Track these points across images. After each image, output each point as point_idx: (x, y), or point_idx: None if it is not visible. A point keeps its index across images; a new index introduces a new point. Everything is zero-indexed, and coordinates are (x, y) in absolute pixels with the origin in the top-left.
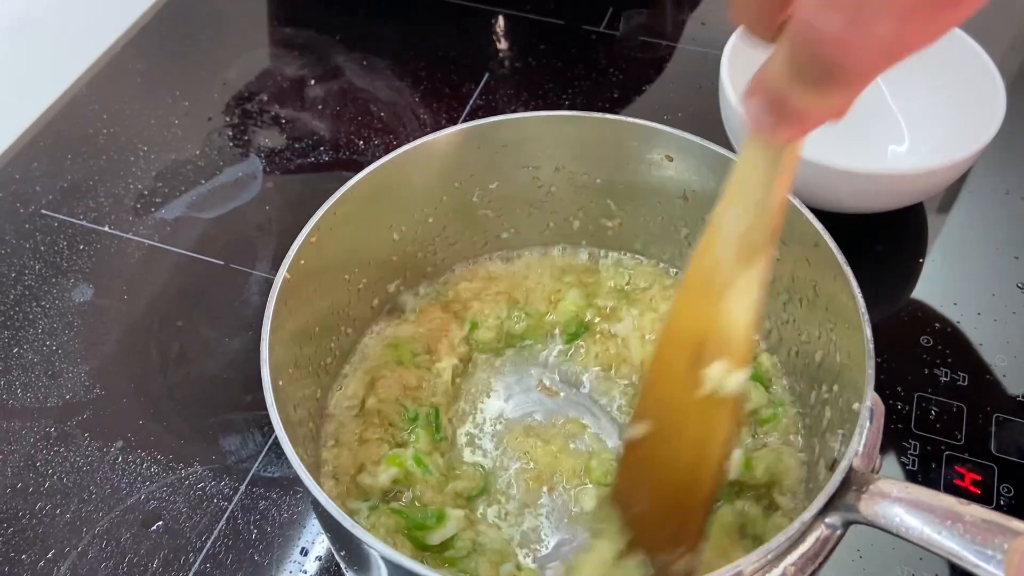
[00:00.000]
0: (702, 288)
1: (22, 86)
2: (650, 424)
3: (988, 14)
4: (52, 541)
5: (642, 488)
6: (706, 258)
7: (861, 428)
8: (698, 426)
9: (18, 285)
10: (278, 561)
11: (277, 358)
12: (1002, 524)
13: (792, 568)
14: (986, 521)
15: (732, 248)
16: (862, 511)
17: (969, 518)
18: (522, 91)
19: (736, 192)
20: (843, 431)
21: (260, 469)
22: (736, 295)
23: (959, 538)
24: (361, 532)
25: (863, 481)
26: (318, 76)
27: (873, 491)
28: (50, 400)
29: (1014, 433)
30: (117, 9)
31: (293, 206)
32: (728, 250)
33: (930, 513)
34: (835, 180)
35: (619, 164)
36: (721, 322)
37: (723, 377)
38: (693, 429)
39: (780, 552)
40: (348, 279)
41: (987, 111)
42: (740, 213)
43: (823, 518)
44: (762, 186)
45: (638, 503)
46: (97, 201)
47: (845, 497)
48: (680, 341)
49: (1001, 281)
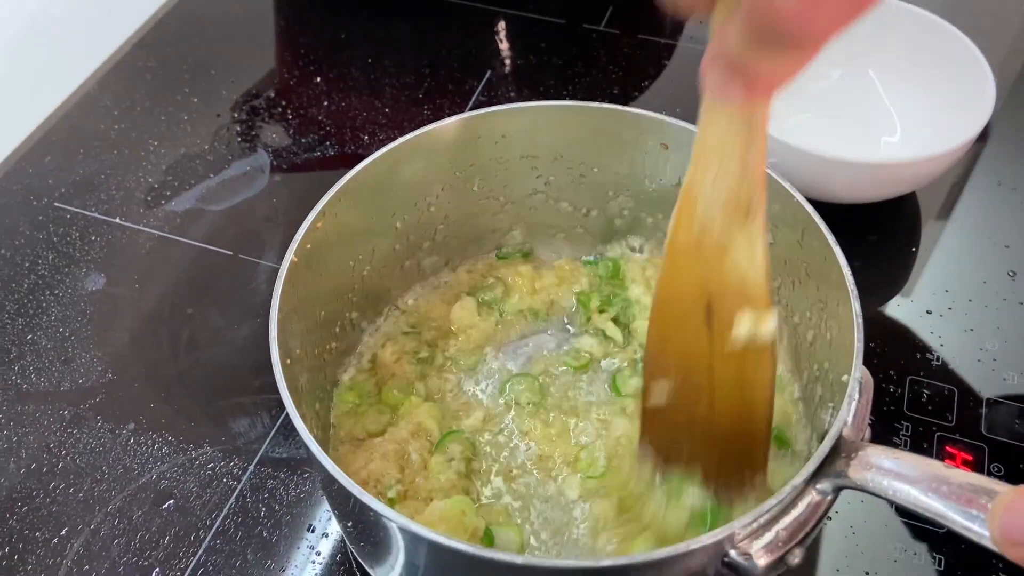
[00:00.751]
0: (692, 252)
1: (36, 83)
2: (671, 383)
3: (979, 9)
4: (66, 519)
5: (686, 439)
6: (688, 224)
7: (850, 398)
8: (741, 375)
9: (32, 275)
10: (286, 537)
11: (284, 338)
12: (985, 486)
13: (784, 532)
14: (970, 484)
15: (717, 210)
16: (851, 476)
17: (954, 481)
18: (523, 88)
19: (710, 157)
20: (833, 403)
21: (268, 450)
22: (742, 249)
23: (945, 500)
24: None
25: (852, 448)
26: (324, 73)
27: (862, 457)
28: (64, 384)
29: (1003, 415)
30: (128, 9)
31: (300, 199)
32: (713, 213)
33: (917, 477)
34: (829, 170)
35: (616, 153)
36: (733, 277)
37: (754, 326)
38: (735, 378)
39: (772, 516)
40: (352, 265)
41: (977, 103)
42: (720, 176)
43: (814, 484)
44: (742, 148)
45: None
46: (109, 194)
47: (835, 464)
48: (683, 304)
49: (992, 269)
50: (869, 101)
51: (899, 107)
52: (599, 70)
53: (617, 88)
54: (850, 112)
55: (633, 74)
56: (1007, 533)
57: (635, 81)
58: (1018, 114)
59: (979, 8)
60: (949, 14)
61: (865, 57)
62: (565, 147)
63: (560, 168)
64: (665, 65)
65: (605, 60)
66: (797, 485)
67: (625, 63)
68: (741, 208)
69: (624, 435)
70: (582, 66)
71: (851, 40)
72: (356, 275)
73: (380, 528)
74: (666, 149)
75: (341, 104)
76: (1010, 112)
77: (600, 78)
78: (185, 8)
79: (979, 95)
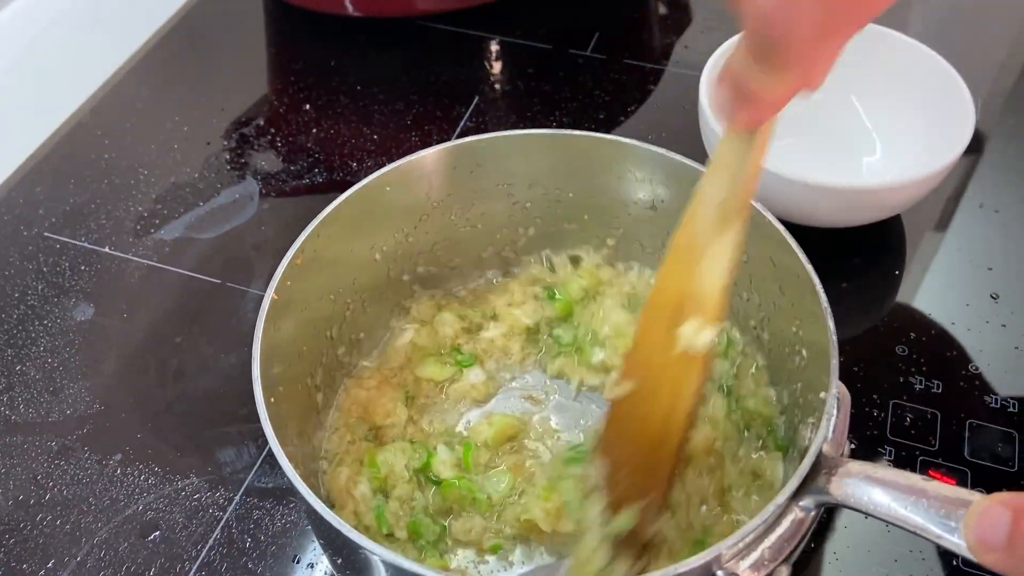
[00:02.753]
0: (685, 255)
1: (27, 113)
2: (634, 383)
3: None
4: (52, 551)
5: (621, 443)
6: (690, 227)
7: (829, 415)
8: (672, 382)
9: (21, 305)
10: (271, 569)
11: (268, 375)
12: (962, 497)
13: (769, 551)
14: (948, 496)
15: (711, 217)
16: (833, 492)
17: (932, 492)
18: (511, 114)
19: (716, 169)
20: (812, 420)
21: (254, 480)
22: (711, 258)
23: (924, 512)
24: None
25: (833, 464)
26: (313, 101)
27: (842, 472)
28: (51, 415)
29: (986, 439)
30: (119, 38)
31: (288, 226)
32: (708, 219)
33: (896, 490)
34: (810, 195)
35: (590, 178)
36: (696, 284)
37: (695, 334)
38: (668, 385)
39: (758, 535)
40: (334, 299)
41: (957, 127)
42: (719, 186)
43: (797, 501)
44: (738, 163)
45: (618, 457)
46: (99, 223)
47: (816, 480)
48: (662, 305)
49: (975, 292)
50: (850, 124)
51: (880, 131)
52: (585, 95)
53: (603, 113)
54: (831, 135)
55: (619, 99)
56: (982, 539)
57: (621, 106)
58: (1000, 137)
59: (961, 33)
60: (936, 40)
61: (846, 81)
62: (540, 174)
63: (536, 195)
64: (651, 90)
65: (592, 85)
66: (780, 503)
67: (612, 88)
68: (723, 219)
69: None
70: (569, 91)
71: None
72: (338, 309)
73: (367, 562)
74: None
75: (330, 131)
76: (992, 135)
77: (587, 103)
78: (176, 37)
79: (959, 119)
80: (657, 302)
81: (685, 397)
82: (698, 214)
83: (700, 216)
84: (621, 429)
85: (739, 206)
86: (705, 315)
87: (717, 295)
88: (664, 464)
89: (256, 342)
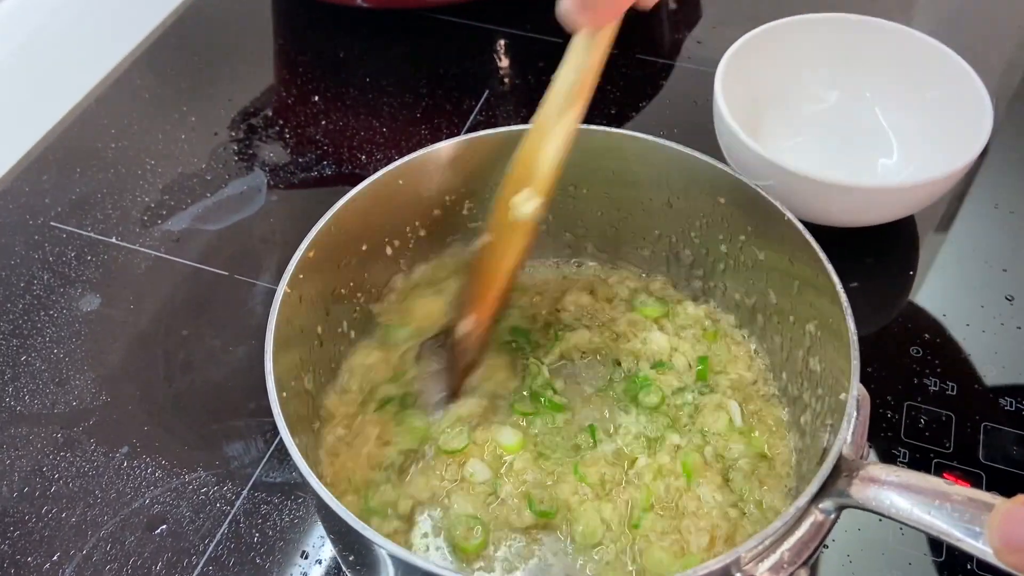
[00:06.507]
0: (535, 136)
1: (33, 102)
2: (489, 237)
3: (976, 31)
4: (58, 544)
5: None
6: (542, 112)
7: (849, 417)
8: (505, 242)
9: (27, 295)
10: (279, 564)
11: (280, 369)
12: (987, 501)
13: (788, 553)
14: (971, 499)
15: (557, 105)
16: (853, 495)
17: (956, 497)
18: (521, 108)
19: (565, 64)
20: (831, 422)
21: (262, 474)
22: (549, 139)
23: (947, 516)
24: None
25: (853, 467)
26: (322, 92)
27: (863, 475)
28: (57, 407)
29: (1001, 441)
30: (126, 27)
31: (296, 219)
32: (554, 106)
33: (918, 494)
34: (826, 193)
35: (606, 174)
36: (535, 160)
37: (523, 203)
38: (502, 244)
39: (777, 538)
40: (345, 293)
41: (974, 126)
42: (565, 79)
43: (817, 504)
44: (581, 58)
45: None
46: (105, 213)
47: (837, 483)
48: (516, 178)
49: (990, 293)
50: (866, 123)
51: (896, 129)
52: (597, 89)
53: (615, 108)
54: (847, 134)
55: (630, 94)
56: (1007, 540)
57: (632, 101)
58: (1015, 137)
59: (976, 30)
60: (945, 36)
61: (862, 79)
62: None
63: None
64: (662, 85)
65: (603, 79)
66: (801, 506)
67: (623, 83)
68: (565, 105)
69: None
70: None
71: (848, 62)
72: (349, 302)
73: (375, 556)
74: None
75: (339, 123)
76: (1007, 135)
77: (598, 97)
78: (183, 26)
79: (976, 118)
80: (513, 175)
81: (513, 257)
82: (549, 101)
83: (550, 103)
84: (479, 271)
85: (577, 94)
86: (535, 187)
87: (548, 171)
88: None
89: (268, 336)
